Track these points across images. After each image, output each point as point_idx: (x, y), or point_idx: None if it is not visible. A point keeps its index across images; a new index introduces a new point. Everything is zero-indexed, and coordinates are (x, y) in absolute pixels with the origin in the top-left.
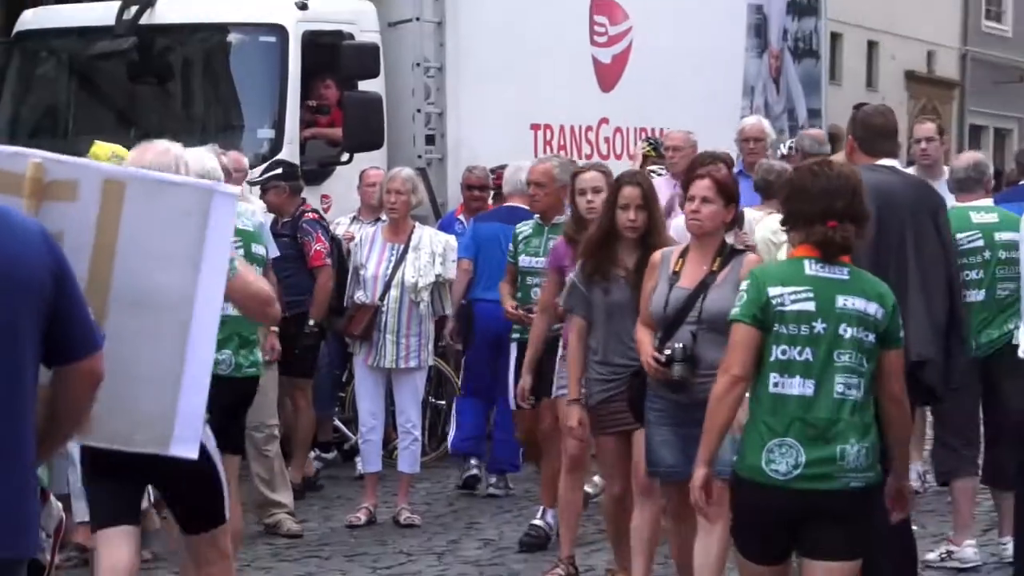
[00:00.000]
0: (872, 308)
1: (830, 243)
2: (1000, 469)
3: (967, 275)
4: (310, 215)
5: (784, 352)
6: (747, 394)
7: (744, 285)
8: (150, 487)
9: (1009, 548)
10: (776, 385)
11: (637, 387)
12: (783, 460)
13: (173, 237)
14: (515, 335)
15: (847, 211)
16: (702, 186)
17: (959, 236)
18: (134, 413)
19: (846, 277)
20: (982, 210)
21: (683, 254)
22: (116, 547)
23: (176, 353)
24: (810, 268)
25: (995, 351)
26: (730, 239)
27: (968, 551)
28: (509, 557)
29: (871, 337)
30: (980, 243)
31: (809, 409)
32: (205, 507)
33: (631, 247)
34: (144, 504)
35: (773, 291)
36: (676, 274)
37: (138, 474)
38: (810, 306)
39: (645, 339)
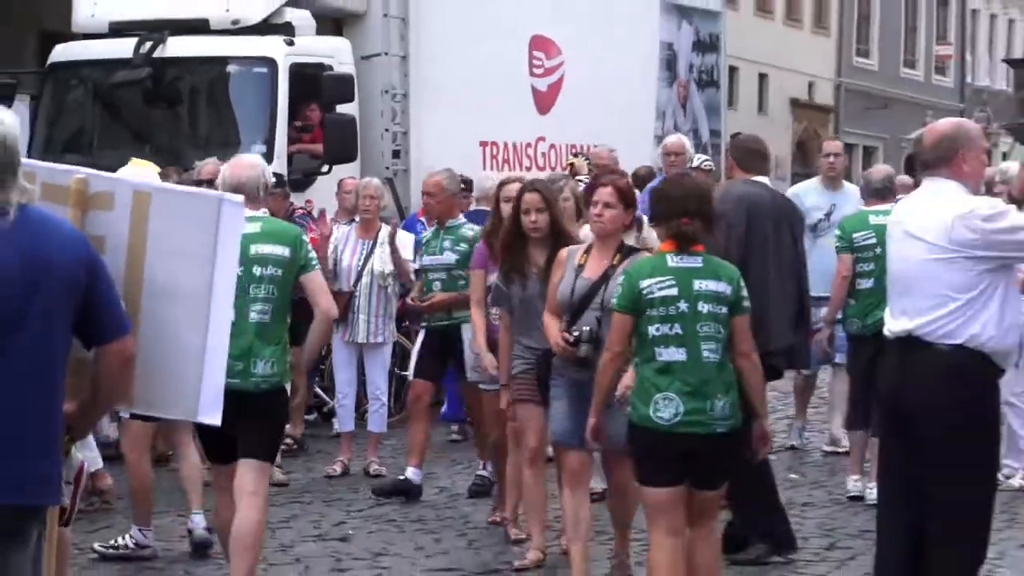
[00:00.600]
0: (722, 287)
1: (683, 235)
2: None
3: (861, 267)
4: (300, 210)
5: (658, 329)
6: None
7: (620, 279)
8: None
9: (874, 491)
10: (660, 355)
11: (545, 367)
12: (666, 409)
13: (191, 238)
14: (423, 322)
15: (697, 211)
16: (605, 193)
17: (856, 235)
18: (166, 386)
19: (700, 264)
20: (880, 213)
21: (587, 251)
22: (225, 480)
23: (199, 336)
24: (672, 261)
25: (879, 329)
26: (631, 240)
27: (849, 483)
28: (461, 501)
29: (724, 310)
30: (873, 241)
31: (685, 371)
32: (266, 442)
33: (540, 246)
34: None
35: (643, 283)
36: (581, 267)
37: (230, 416)
38: (673, 291)
39: (552, 324)
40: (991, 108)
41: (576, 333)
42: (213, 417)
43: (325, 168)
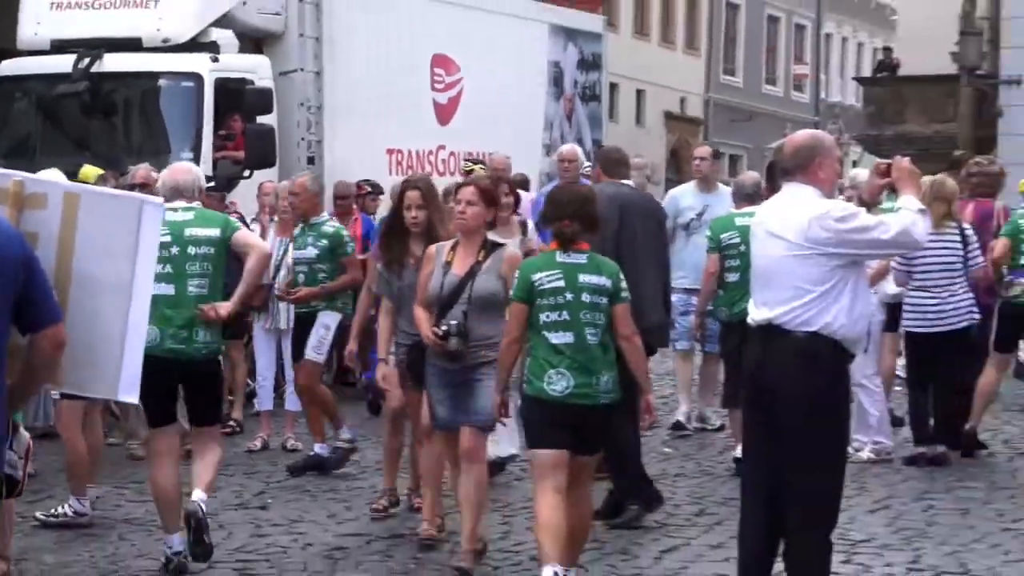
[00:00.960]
0: (603, 280)
1: (562, 235)
2: None
3: (728, 263)
4: (235, 214)
5: (548, 316)
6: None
7: (517, 274)
8: None
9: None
10: (551, 339)
11: (415, 356)
12: (559, 383)
13: (115, 236)
14: (296, 310)
15: (576, 214)
16: (467, 192)
17: (723, 235)
18: (91, 368)
19: (584, 261)
20: (745, 215)
21: (454, 247)
22: (164, 444)
23: (120, 323)
24: (560, 257)
25: (745, 318)
26: (514, 244)
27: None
28: (369, 472)
29: (604, 300)
30: (738, 240)
31: (573, 351)
32: (210, 407)
33: (418, 239)
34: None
35: (535, 276)
36: (449, 263)
37: (173, 381)
38: (560, 283)
39: (423, 317)
40: (843, 121)
41: (445, 327)
42: (131, 395)
43: (246, 173)
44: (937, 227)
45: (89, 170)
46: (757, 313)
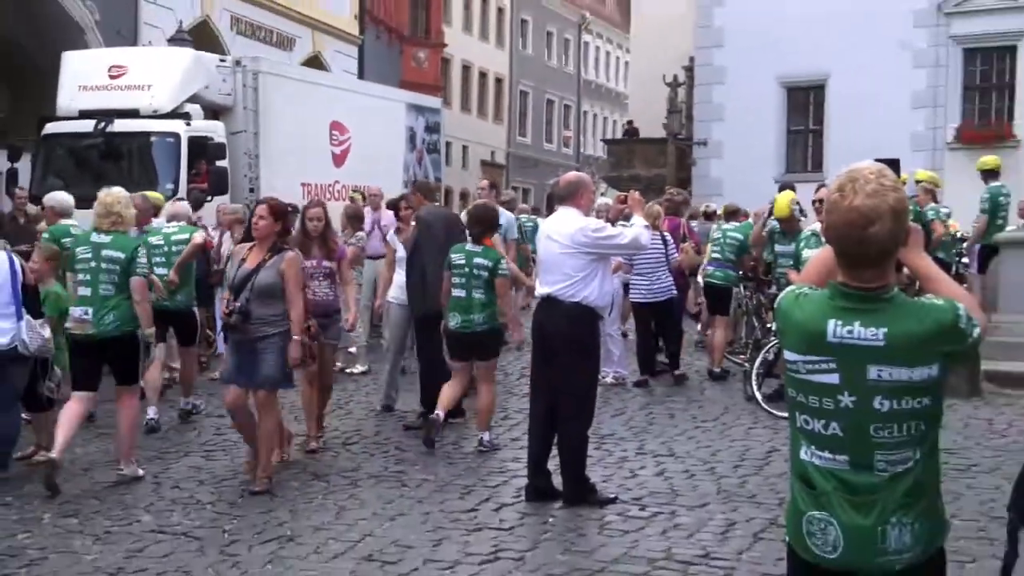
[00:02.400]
0: (486, 260)
1: (473, 236)
2: None
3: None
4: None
5: (455, 280)
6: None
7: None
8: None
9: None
10: (454, 292)
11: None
12: (453, 320)
13: None
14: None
15: (478, 222)
16: (260, 209)
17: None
18: None
19: (479, 250)
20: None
21: (251, 248)
22: (159, 348)
23: None
24: (468, 247)
25: None
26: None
27: None
28: (292, 392)
29: (485, 273)
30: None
31: (461, 303)
32: (188, 336)
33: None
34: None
35: (452, 256)
36: (244, 260)
37: (167, 322)
38: (463, 262)
39: (227, 299)
40: (595, 167)
41: (231, 308)
42: None
43: (209, 199)
44: None
45: (153, 195)
46: (541, 289)
